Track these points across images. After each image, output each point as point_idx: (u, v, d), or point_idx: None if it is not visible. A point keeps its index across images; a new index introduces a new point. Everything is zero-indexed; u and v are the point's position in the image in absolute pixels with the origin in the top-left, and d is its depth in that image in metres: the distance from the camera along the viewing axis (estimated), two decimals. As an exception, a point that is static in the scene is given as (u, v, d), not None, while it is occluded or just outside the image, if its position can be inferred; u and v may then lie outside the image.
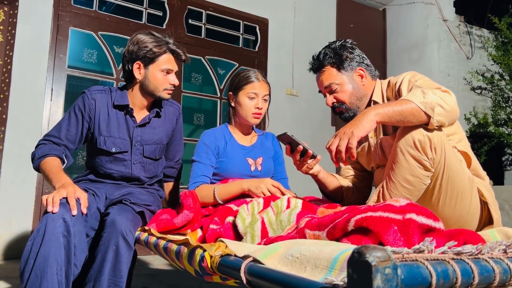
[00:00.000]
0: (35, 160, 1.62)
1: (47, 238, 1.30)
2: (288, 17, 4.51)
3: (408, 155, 1.30)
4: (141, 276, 2.56)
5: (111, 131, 1.71)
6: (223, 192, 1.58)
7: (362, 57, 1.66)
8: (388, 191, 1.36)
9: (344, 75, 1.62)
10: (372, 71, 1.67)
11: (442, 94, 1.31)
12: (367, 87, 1.64)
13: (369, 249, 0.55)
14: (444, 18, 4.68)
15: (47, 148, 1.63)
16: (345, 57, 1.63)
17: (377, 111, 1.32)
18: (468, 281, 0.67)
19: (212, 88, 4.15)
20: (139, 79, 1.72)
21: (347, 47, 1.65)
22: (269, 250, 0.90)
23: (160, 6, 3.86)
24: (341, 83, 1.62)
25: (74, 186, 1.47)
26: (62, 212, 1.36)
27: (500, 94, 4.49)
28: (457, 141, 1.50)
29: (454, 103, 1.32)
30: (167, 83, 1.73)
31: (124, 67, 1.74)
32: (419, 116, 1.29)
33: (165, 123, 1.84)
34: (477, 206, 1.41)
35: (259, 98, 1.72)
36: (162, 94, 1.74)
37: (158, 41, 1.70)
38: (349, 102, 1.62)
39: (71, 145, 1.70)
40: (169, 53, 1.72)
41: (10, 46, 3.17)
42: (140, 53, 1.68)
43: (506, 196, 3.18)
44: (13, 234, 3.02)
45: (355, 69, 1.63)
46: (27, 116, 3.15)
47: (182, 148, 2.02)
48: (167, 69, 1.72)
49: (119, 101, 1.73)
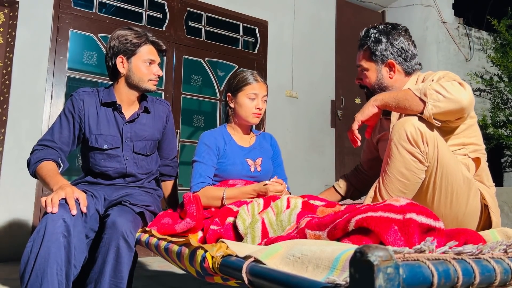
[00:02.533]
0: (31, 166, 1.63)
1: (47, 239, 1.30)
2: (288, 19, 4.53)
3: (402, 148, 1.32)
4: (141, 278, 2.56)
5: (101, 129, 1.73)
6: (233, 199, 1.57)
7: (402, 50, 1.63)
8: (384, 185, 1.38)
9: (373, 63, 1.65)
10: (409, 66, 1.64)
11: (449, 84, 1.31)
12: (395, 80, 1.64)
13: (371, 248, 0.55)
14: (443, 20, 4.69)
15: (43, 153, 1.64)
16: (381, 45, 1.62)
17: (376, 98, 1.48)
18: (469, 281, 0.68)
19: (211, 90, 4.15)
20: (124, 73, 1.75)
21: (391, 33, 1.63)
22: (271, 250, 0.90)
23: (160, 8, 3.87)
24: (368, 69, 1.66)
25: (72, 187, 1.48)
26: (62, 213, 1.36)
27: (499, 96, 4.50)
28: (471, 150, 1.50)
29: (458, 92, 1.29)
30: (151, 73, 1.76)
31: (108, 64, 1.78)
32: (414, 101, 1.34)
33: (155, 120, 1.85)
34: (475, 208, 1.41)
35: (259, 99, 1.73)
36: (148, 85, 1.77)
37: (138, 34, 1.75)
38: (371, 88, 1.68)
39: (65, 148, 1.71)
40: (149, 44, 1.77)
41: (10, 48, 3.18)
42: (122, 46, 1.72)
43: (505, 198, 3.18)
44: (13, 236, 3.01)
45: (387, 61, 1.63)
46: (27, 118, 3.16)
47: (175, 146, 2.03)
48: (150, 60, 1.75)
49: (106, 99, 1.75)
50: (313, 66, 4.63)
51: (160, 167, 1.97)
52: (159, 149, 1.94)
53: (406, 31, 1.67)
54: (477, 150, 1.51)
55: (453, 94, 1.29)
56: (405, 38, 1.65)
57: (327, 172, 4.59)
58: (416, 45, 1.73)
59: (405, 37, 1.65)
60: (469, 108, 1.33)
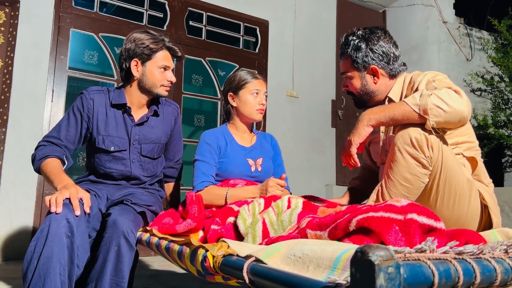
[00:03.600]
0: (36, 162, 1.62)
1: (51, 239, 1.30)
2: (289, 19, 4.53)
3: (406, 153, 1.31)
4: (141, 277, 2.56)
5: (109, 130, 1.72)
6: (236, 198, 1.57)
7: (383, 54, 1.60)
8: (387, 189, 1.37)
9: (356, 70, 1.63)
10: (393, 69, 1.62)
11: (446, 95, 1.30)
12: (380, 84, 1.62)
13: (372, 248, 0.55)
14: (444, 20, 4.69)
15: (48, 150, 1.63)
16: (362, 53, 1.60)
17: (369, 117, 1.42)
18: (470, 280, 0.68)
19: (212, 90, 4.16)
20: (137, 77, 1.74)
21: (370, 39, 1.60)
22: (272, 250, 0.90)
23: (161, 7, 3.87)
24: (352, 76, 1.65)
25: (76, 187, 1.47)
26: (65, 213, 1.36)
27: (500, 96, 4.50)
28: (465, 148, 1.49)
29: (458, 103, 1.29)
30: (165, 79, 1.75)
31: (122, 66, 1.76)
32: (413, 118, 1.31)
33: (163, 123, 1.85)
34: (476, 208, 1.41)
35: (261, 95, 1.77)
36: (160, 91, 1.76)
37: (155, 38, 1.73)
38: (357, 94, 1.67)
39: (71, 146, 1.70)
40: (165, 49, 1.75)
41: (11, 48, 3.18)
42: (138, 50, 1.70)
43: (506, 198, 3.18)
44: (14, 235, 3.02)
45: (369, 67, 1.61)
46: (28, 117, 3.16)
47: (181, 148, 2.03)
48: (164, 66, 1.74)
49: (116, 100, 1.74)
50: (313, 65, 4.63)
51: (165, 168, 1.97)
52: (165, 150, 1.94)
53: (386, 33, 1.64)
54: (471, 148, 1.51)
55: (453, 107, 1.28)
56: (385, 41, 1.61)
57: (328, 172, 4.59)
58: (417, 45, 1.72)
59: (385, 40, 1.61)
60: (469, 116, 1.33)
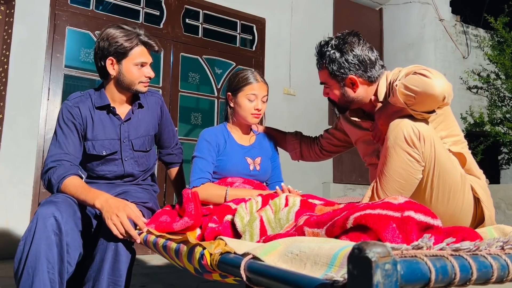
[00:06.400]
0: (54, 186, 1.51)
1: (38, 237, 1.29)
2: (285, 17, 4.52)
3: (399, 148, 1.32)
4: (139, 275, 2.56)
5: (98, 134, 1.67)
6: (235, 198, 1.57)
7: (359, 62, 1.56)
8: (381, 185, 1.38)
9: (334, 81, 1.61)
10: (372, 76, 1.58)
11: (413, 78, 1.32)
12: (360, 92, 1.60)
13: (369, 245, 0.55)
14: (440, 18, 4.70)
15: (61, 170, 1.53)
16: (337, 65, 1.57)
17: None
18: (467, 277, 0.68)
19: (209, 88, 4.15)
20: (114, 75, 1.67)
21: (344, 49, 1.56)
22: (269, 248, 0.90)
23: (157, 5, 3.86)
24: (331, 86, 1.64)
25: (122, 202, 1.44)
26: (52, 210, 1.34)
27: (496, 93, 4.52)
28: (451, 143, 1.50)
29: (423, 85, 1.27)
30: (142, 76, 1.68)
31: (97, 64, 1.69)
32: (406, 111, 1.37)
33: (149, 113, 1.81)
34: (470, 202, 1.42)
35: (258, 100, 1.72)
36: (139, 88, 1.70)
37: (128, 35, 1.64)
38: (338, 102, 1.67)
39: (78, 156, 1.64)
40: (141, 45, 1.67)
41: (7, 46, 3.16)
42: (111, 48, 1.63)
43: (502, 195, 3.20)
44: (10, 234, 3.01)
45: (346, 77, 1.58)
46: (24, 116, 3.15)
47: (175, 133, 1.99)
48: (141, 62, 1.67)
49: (99, 103, 1.69)
50: (310, 63, 4.59)
51: (164, 156, 1.96)
52: (160, 140, 1.92)
53: (359, 38, 1.59)
54: (457, 141, 1.51)
55: (421, 86, 1.28)
56: (359, 49, 1.56)
57: (325, 170, 4.59)
58: (414, 43, 1.72)
59: (359, 47, 1.56)
60: (443, 92, 1.27)
